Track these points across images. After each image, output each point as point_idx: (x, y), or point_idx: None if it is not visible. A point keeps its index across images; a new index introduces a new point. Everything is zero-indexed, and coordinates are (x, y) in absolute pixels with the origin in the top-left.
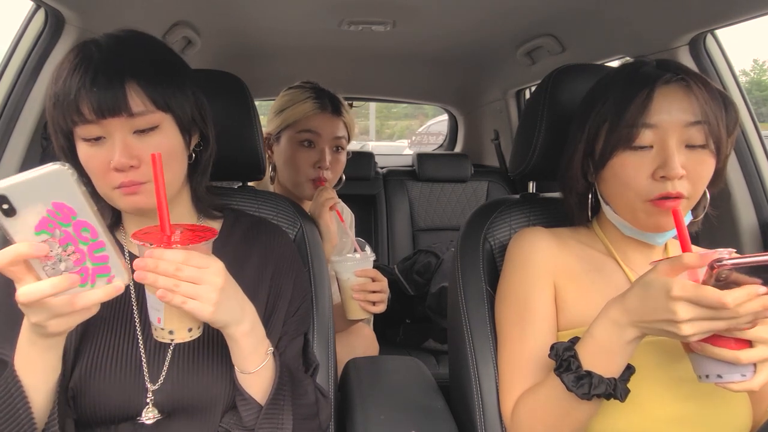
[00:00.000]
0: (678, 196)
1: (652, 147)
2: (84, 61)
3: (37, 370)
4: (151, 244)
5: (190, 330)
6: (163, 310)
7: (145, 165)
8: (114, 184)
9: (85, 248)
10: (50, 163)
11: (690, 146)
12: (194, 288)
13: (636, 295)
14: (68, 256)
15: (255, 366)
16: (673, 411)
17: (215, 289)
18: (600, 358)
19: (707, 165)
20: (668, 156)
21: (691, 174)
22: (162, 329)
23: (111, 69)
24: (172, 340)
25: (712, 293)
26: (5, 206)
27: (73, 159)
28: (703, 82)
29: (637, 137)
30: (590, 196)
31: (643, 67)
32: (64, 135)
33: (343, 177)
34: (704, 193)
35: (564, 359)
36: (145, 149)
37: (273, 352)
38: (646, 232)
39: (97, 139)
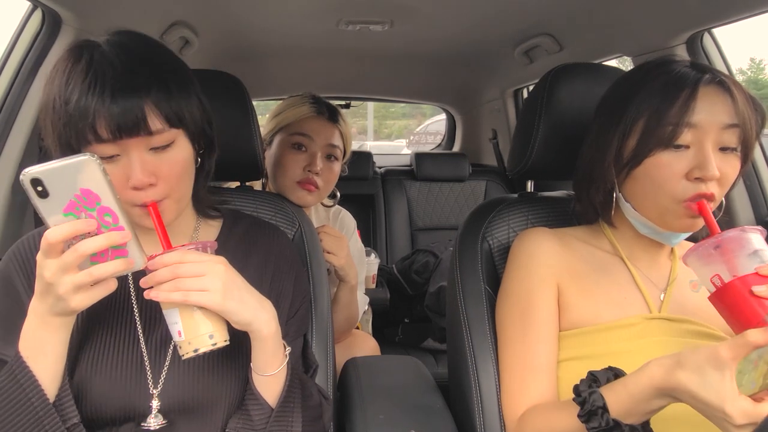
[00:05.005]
0: (711, 198)
1: (688, 147)
2: (98, 78)
3: (48, 351)
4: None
5: (211, 336)
6: (180, 322)
7: (162, 182)
8: (135, 202)
9: (107, 231)
10: (81, 153)
11: (723, 149)
12: (198, 281)
13: (689, 390)
14: (91, 237)
15: (276, 368)
16: (674, 410)
17: (218, 276)
18: (633, 414)
19: (735, 169)
20: (706, 157)
21: (721, 177)
22: (183, 342)
23: (128, 87)
24: (196, 350)
25: None
26: (39, 188)
27: None
28: (738, 84)
29: (678, 136)
30: (614, 194)
31: (677, 67)
32: (72, 152)
33: (338, 193)
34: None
35: (592, 410)
36: (161, 166)
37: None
38: (664, 233)
39: (112, 157)
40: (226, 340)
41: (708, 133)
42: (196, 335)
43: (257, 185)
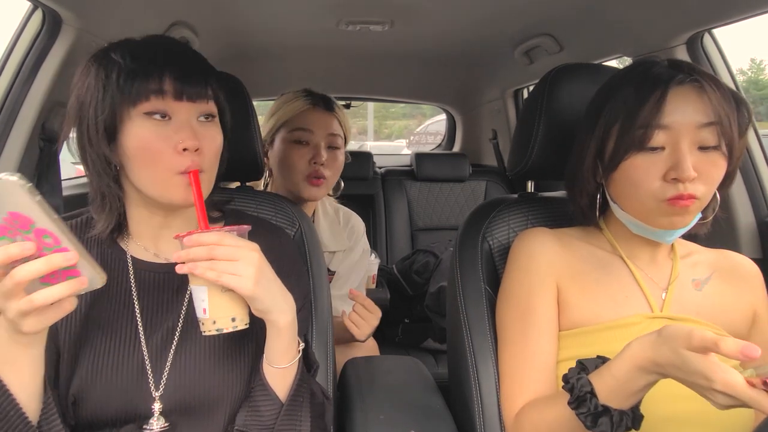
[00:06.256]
0: (690, 198)
1: (664, 148)
2: (166, 49)
3: (22, 366)
4: (183, 236)
5: (233, 320)
6: (207, 300)
7: (205, 152)
8: (179, 168)
9: (49, 253)
10: (2, 174)
11: (702, 148)
12: (232, 264)
13: (669, 361)
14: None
15: (289, 360)
16: (673, 410)
17: (252, 263)
18: (620, 396)
19: (719, 167)
20: (680, 158)
21: (703, 176)
22: (207, 319)
23: (194, 60)
24: (218, 330)
25: (755, 400)
26: None
27: (114, 141)
28: (716, 82)
29: (650, 139)
30: (599, 196)
31: (654, 68)
32: (114, 115)
33: (342, 183)
34: (714, 195)
35: (580, 395)
36: (206, 136)
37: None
38: (656, 231)
39: (164, 117)
40: (246, 324)
41: (683, 134)
42: (220, 315)
43: (258, 186)
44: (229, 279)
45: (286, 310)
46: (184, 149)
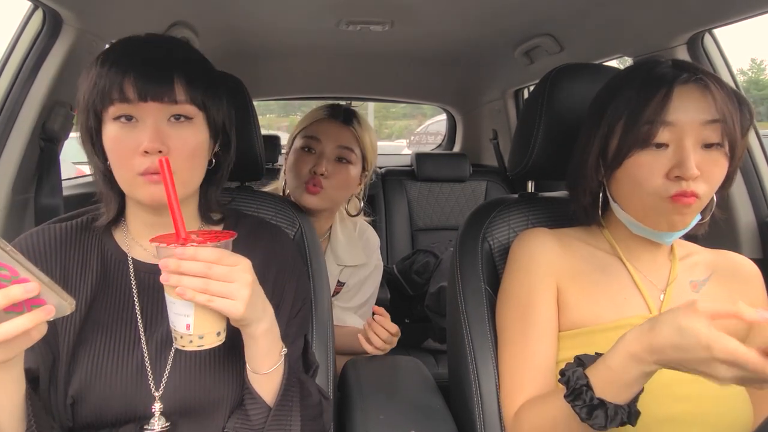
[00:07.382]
0: (692, 195)
1: (667, 146)
2: (133, 51)
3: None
4: (175, 245)
5: (218, 334)
6: (193, 316)
7: (172, 154)
8: (139, 170)
9: (8, 284)
10: None
11: (706, 146)
12: (227, 286)
13: (668, 340)
14: None
15: (269, 366)
16: (672, 411)
17: (247, 285)
18: (615, 388)
19: (721, 166)
20: (685, 155)
21: (705, 174)
22: (189, 335)
23: (160, 60)
24: (200, 346)
25: (759, 364)
26: None
27: (95, 142)
28: (719, 81)
29: (655, 135)
30: (601, 195)
31: (658, 67)
32: (95, 116)
33: (360, 203)
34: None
35: (576, 388)
36: (175, 138)
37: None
38: (656, 231)
39: (129, 119)
40: (225, 336)
41: (687, 131)
42: (206, 332)
43: (278, 191)
44: (221, 304)
45: (263, 319)
46: (145, 152)
